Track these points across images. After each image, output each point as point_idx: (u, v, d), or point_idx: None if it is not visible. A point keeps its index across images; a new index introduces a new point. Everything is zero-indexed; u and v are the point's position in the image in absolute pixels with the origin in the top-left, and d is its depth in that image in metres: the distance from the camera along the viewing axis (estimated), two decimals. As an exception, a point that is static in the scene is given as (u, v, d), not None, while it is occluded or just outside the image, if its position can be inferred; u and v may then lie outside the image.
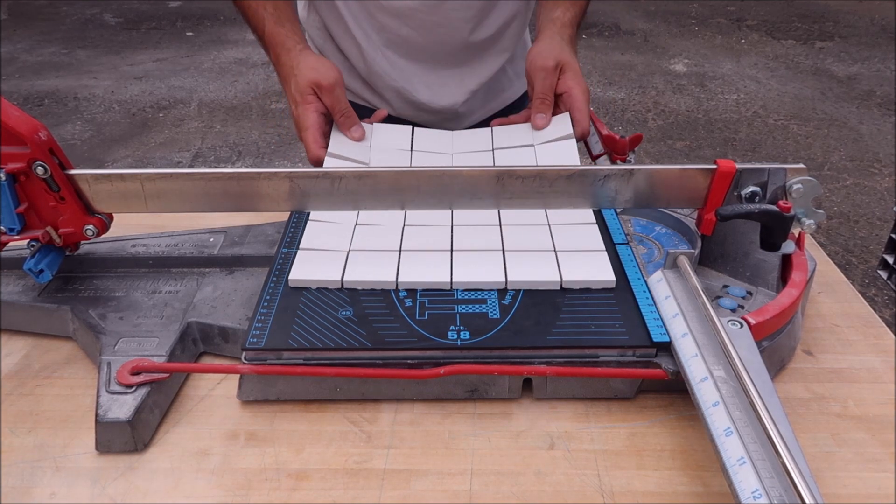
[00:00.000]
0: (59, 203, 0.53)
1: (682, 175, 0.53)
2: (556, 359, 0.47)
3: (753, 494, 0.36)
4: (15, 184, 0.51)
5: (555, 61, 0.68)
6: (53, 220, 0.54)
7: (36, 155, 0.51)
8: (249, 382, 0.48)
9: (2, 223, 0.52)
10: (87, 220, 0.54)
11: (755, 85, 3.20)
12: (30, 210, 0.53)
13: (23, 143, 0.50)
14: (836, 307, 0.58)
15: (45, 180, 0.52)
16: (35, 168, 0.51)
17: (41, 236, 0.54)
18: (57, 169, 0.51)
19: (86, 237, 0.55)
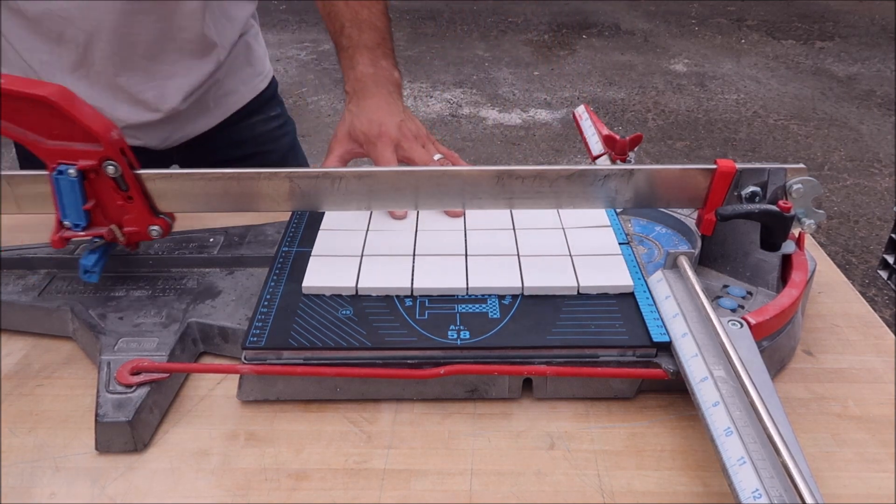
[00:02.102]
0: (127, 202, 0.53)
1: (682, 175, 0.53)
2: (556, 359, 0.47)
3: (753, 494, 0.36)
4: (84, 181, 0.51)
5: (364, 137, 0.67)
6: (119, 219, 0.54)
7: (108, 154, 0.51)
8: (249, 382, 0.48)
9: (67, 218, 0.52)
10: (152, 221, 0.55)
11: (755, 85, 3.21)
12: (96, 208, 0.53)
13: (96, 142, 0.50)
14: (836, 307, 0.58)
15: (114, 179, 0.52)
16: (106, 167, 0.51)
17: (105, 234, 0.54)
18: (127, 168, 0.52)
19: (150, 237, 0.55)
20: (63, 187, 0.51)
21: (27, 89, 0.48)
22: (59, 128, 0.50)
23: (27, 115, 0.49)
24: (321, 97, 3.09)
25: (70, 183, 0.51)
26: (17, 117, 0.50)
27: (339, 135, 0.70)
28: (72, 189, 0.51)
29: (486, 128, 2.83)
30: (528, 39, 3.82)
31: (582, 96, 3.12)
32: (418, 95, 3.13)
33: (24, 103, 0.49)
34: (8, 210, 0.54)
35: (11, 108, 0.49)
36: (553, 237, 0.58)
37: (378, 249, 0.57)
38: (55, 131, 0.50)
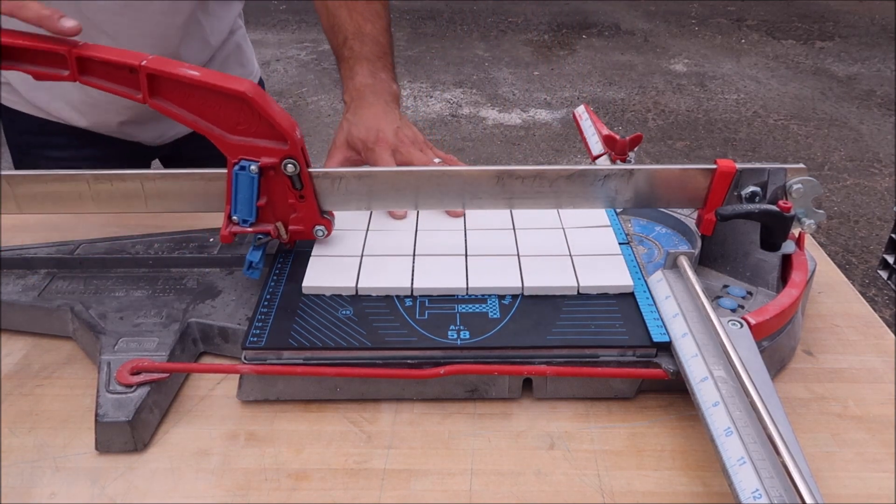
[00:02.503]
0: (298, 201, 0.54)
1: (682, 175, 0.53)
2: (556, 359, 0.47)
3: (753, 494, 0.36)
4: (260, 178, 0.52)
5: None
6: (286, 217, 0.54)
7: (291, 152, 0.51)
8: (249, 382, 0.48)
9: (237, 214, 0.53)
10: (319, 221, 0.55)
11: (755, 85, 3.21)
12: (267, 205, 0.53)
13: (282, 140, 0.50)
14: (836, 307, 0.58)
15: (290, 178, 0.52)
16: (286, 165, 0.51)
17: (271, 231, 0.54)
18: (305, 168, 0.52)
19: (314, 237, 0.55)
20: (241, 182, 0.52)
21: (224, 83, 0.49)
22: (247, 123, 0.50)
23: (218, 108, 0.50)
24: (321, 97, 3.09)
25: (250, 179, 0.51)
26: (207, 111, 0.50)
27: (336, 142, 0.71)
28: (250, 185, 0.52)
29: (486, 128, 2.83)
30: (528, 39, 3.82)
31: (582, 96, 3.12)
32: (418, 95, 3.13)
33: (218, 97, 0.49)
34: (8, 210, 0.55)
35: (203, 102, 0.50)
36: (553, 237, 0.58)
37: (378, 249, 0.57)
38: (241, 126, 0.50)
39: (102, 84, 0.50)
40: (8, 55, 0.49)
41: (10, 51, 0.48)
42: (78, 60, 0.49)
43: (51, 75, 0.49)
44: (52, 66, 0.49)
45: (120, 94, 0.50)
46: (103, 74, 0.49)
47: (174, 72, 0.48)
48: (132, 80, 0.49)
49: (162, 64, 0.48)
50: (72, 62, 0.48)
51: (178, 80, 0.49)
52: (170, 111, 0.50)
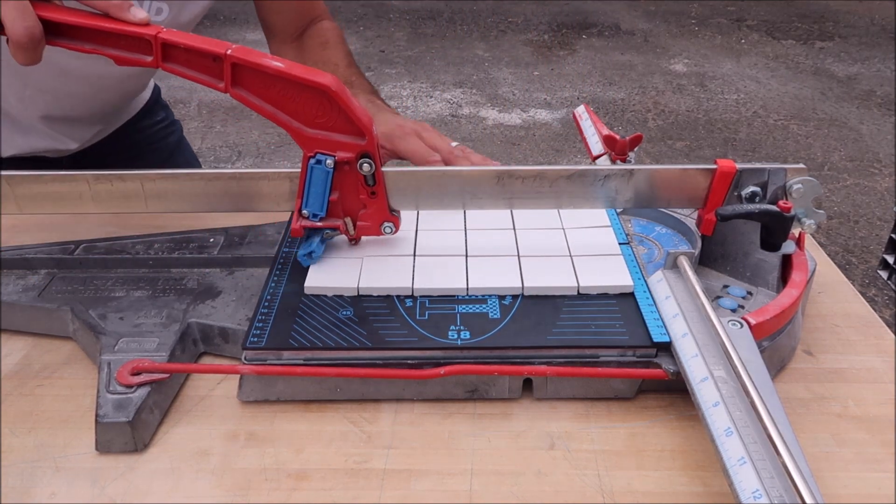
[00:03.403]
0: (369, 198, 0.53)
1: (682, 175, 0.53)
2: (557, 359, 0.47)
3: (754, 494, 0.36)
4: (334, 172, 0.52)
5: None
6: (355, 213, 0.54)
7: (368, 148, 0.51)
8: (250, 383, 0.48)
9: (308, 207, 0.53)
10: (388, 218, 0.55)
11: (755, 85, 3.21)
12: (338, 200, 0.53)
13: (360, 135, 0.50)
14: (836, 307, 0.58)
15: (364, 174, 0.52)
16: (361, 161, 0.51)
17: (340, 226, 0.54)
18: (379, 164, 0.52)
19: (381, 233, 0.55)
20: (316, 176, 0.51)
21: (308, 76, 0.48)
22: (325, 117, 0.50)
23: (297, 101, 0.49)
24: (321, 97, 3.09)
25: (325, 173, 0.51)
26: (287, 103, 0.50)
27: None
28: (324, 179, 0.51)
29: (486, 128, 2.83)
30: (528, 39, 3.82)
31: (582, 96, 3.13)
32: (418, 95, 3.13)
33: (299, 89, 0.49)
34: (8, 210, 0.55)
35: (284, 94, 0.49)
36: (553, 237, 0.58)
37: (379, 250, 0.57)
38: (320, 120, 0.50)
39: (184, 71, 0.49)
40: (92, 38, 0.48)
41: (94, 34, 0.47)
42: (163, 46, 0.48)
43: (133, 60, 0.48)
44: (135, 51, 0.48)
45: (201, 83, 0.49)
46: (185, 62, 0.49)
47: (258, 62, 0.48)
48: (215, 69, 0.49)
49: (246, 53, 0.48)
50: (157, 48, 0.48)
51: (262, 70, 0.48)
52: (249, 102, 0.50)
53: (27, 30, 0.44)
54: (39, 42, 0.46)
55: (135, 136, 0.92)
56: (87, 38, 0.48)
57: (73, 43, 0.48)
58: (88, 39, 0.48)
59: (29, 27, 0.44)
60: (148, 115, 0.94)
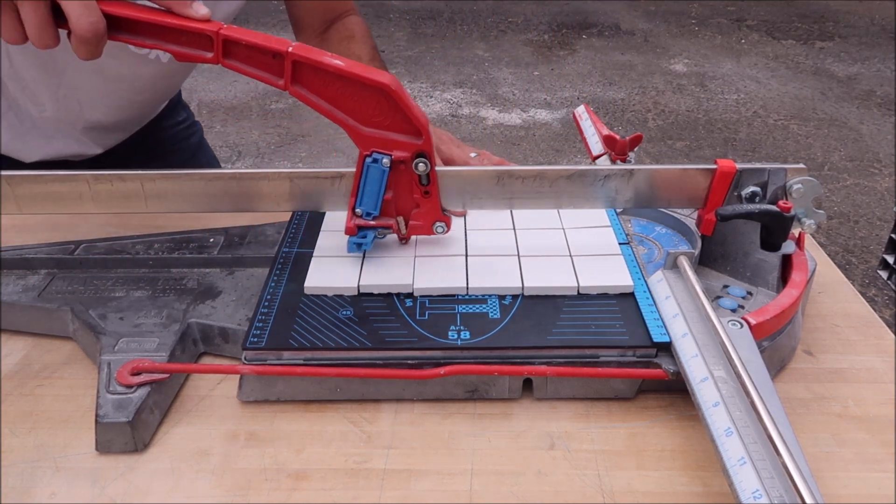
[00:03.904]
0: (423, 197, 0.53)
1: (682, 175, 0.53)
2: (557, 359, 0.47)
3: (754, 494, 0.36)
4: (389, 171, 0.52)
5: None
6: (407, 212, 0.54)
7: (424, 147, 0.51)
8: (250, 383, 0.48)
9: (362, 206, 0.53)
10: (440, 217, 0.55)
11: (755, 85, 3.21)
12: (391, 199, 0.53)
13: (417, 135, 0.50)
14: (836, 307, 0.58)
15: (419, 174, 0.52)
16: (417, 161, 0.51)
17: (392, 226, 0.54)
18: (434, 164, 0.52)
19: (433, 233, 0.55)
20: (372, 175, 0.51)
21: (368, 74, 0.48)
22: (382, 116, 0.50)
23: (355, 99, 0.49)
24: (321, 97, 3.09)
25: (381, 172, 0.51)
26: (344, 101, 0.50)
27: None
28: (380, 178, 0.51)
29: (486, 128, 2.84)
30: (528, 39, 3.82)
31: (582, 96, 3.12)
32: (418, 95, 3.13)
33: (358, 88, 0.49)
34: (8, 210, 0.55)
35: (342, 92, 0.49)
36: (553, 237, 0.58)
37: (379, 250, 0.56)
38: (376, 119, 0.50)
39: (243, 68, 0.49)
40: (153, 34, 0.48)
41: (155, 29, 0.47)
42: (224, 43, 0.48)
43: (193, 56, 0.48)
44: (195, 48, 0.48)
45: (260, 79, 0.49)
46: (245, 59, 0.49)
47: (319, 60, 0.48)
48: (275, 66, 0.49)
49: (307, 51, 0.48)
50: (218, 44, 0.47)
51: (322, 68, 0.48)
52: (307, 99, 0.50)
53: (92, 25, 0.44)
54: (103, 37, 0.46)
55: (157, 137, 0.91)
56: (148, 34, 0.48)
57: (134, 38, 0.48)
58: (150, 35, 0.48)
59: (94, 22, 0.44)
60: (170, 116, 0.93)
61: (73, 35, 0.45)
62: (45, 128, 0.77)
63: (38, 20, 0.44)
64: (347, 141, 2.38)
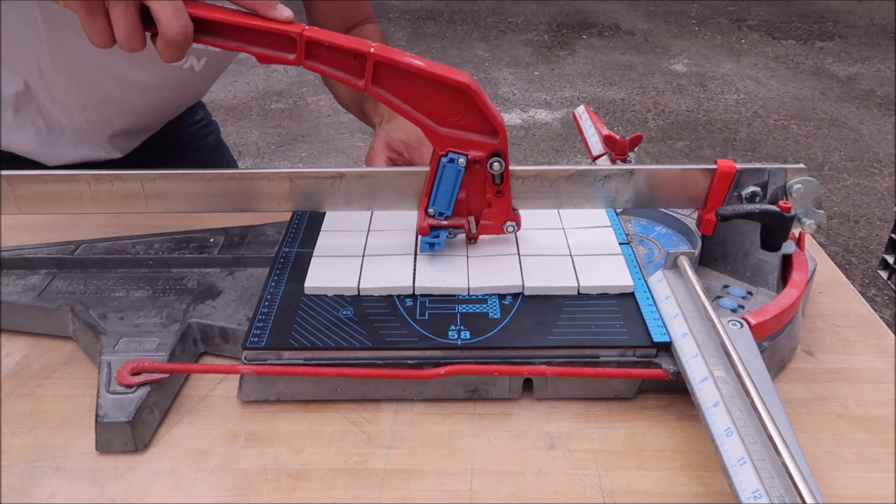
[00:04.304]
0: (495, 197, 0.53)
1: (683, 175, 0.53)
2: (557, 359, 0.47)
3: (754, 494, 0.36)
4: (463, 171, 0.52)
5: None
6: (479, 212, 0.54)
7: (500, 147, 0.51)
8: (250, 383, 0.48)
9: (435, 206, 0.53)
10: (510, 217, 0.55)
11: (755, 85, 3.21)
12: (464, 199, 0.53)
13: (493, 134, 0.50)
14: (836, 307, 0.58)
15: (493, 174, 0.52)
16: (492, 160, 0.51)
17: (464, 225, 0.54)
18: (508, 164, 0.52)
19: (504, 232, 0.55)
20: (447, 175, 0.51)
21: (448, 74, 0.49)
22: (459, 116, 0.50)
23: (433, 99, 0.50)
24: (321, 97, 3.09)
25: (456, 172, 0.51)
26: (422, 101, 0.50)
27: (376, 146, 0.72)
28: (455, 178, 0.51)
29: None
30: (528, 39, 3.82)
31: (582, 96, 3.13)
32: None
33: (436, 88, 0.49)
34: (8, 210, 0.55)
35: (420, 92, 0.49)
36: (553, 237, 0.58)
37: (379, 250, 0.57)
38: (453, 119, 0.50)
39: (324, 69, 0.49)
40: (236, 36, 0.48)
41: (239, 31, 0.47)
42: (307, 44, 0.48)
43: (276, 58, 0.48)
44: (278, 49, 0.48)
45: (340, 80, 0.49)
46: (326, 60, 0.49)
47: (400, 60, 0.48)
48: (356, 67, 0.49)
49: (388, 52, 0.48)
50: (301, 46, 0.48)
51: (403, 68, 0.48)
52: (386, 99, 0.50)
53: (182, 28, 0.45)
54: (190, 40, 0.46)
55: (176, 136, 0.92)
56: (231, 36, 0.48)
57: (217, 40, 0.48)
58: (233, 37, 0.48)
59: (183, 26, 0.45)
60: (188, 115, 0.94)
61: (162, 38, 0.45)
62: (74, 135, 0.78)
63: (129, 24, 0.44)
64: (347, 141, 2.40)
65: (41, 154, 0.78)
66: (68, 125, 0.76)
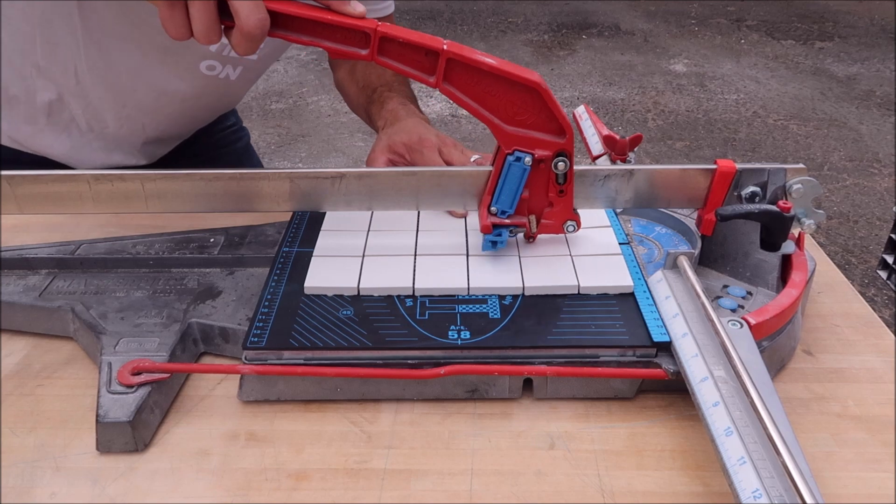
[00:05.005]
0: (558, 196, 0.53)
1: (682, 175, 0.53)
2: (557, 359, 0.47)
3: (754, 494, 0.36)
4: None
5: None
6: (540, 211, 0.54)
7: (566, 147, 0.51)
8: (250, 383, 0.48)
9: (498, 205, 0.53)
10: (571, 216, 0.55)
11: (755, 85, 3.21)
12: (527, 198, 0.53)
13: (560, 133, 0.51)
14: (835, 307, 0.58)
15: (557, 173, 0.52)
16: (557, 160, 0.51)
17: (525, 224, 0.54)
18: (573, 163, 0.52)
19: (564, 232, 0.55)
20: (512, 174, 0.52)
21: (518, 72, 0.49)
22: (526, 114, 0.50)
23: (503, 97, 0.50)
24: (321, 97, 3.09)
25: (522, 170, 0.51)
26: (491, 99, 0.50)
27: (377, 149, 0.72)
28: (520, 176, 0.51)
29: (486, 127, 2.83)
30: (528, 39, 3.82)
31: (582, 96, 3.12)
32: (418, 95, 3.12)
33: (506, 86, 0.49)
34: (8, 210, 0.55)
35: (489, 90, 0.49)
36: (553, 237, 0.58)
37: (379, 250, 0.57)
38: (520, 117, 0.50)
39: (395, 65, 0.49)
40: (310, 31, 0.48)
41: (313, 26, 0.48)
42: (381, 40, 0.48)
43: (349, 53, 0.48)
44: (351, 45, 0.48)
45: (411, 76, 0.50)
46: (398, 56, 0.49)
47: (473, 57, 0.48)
48: (427, 64, 0.49)
49: (460, 49, 0.48)
50: (374, 41, 0.48)
51: (475, 66, 0.48)
52: (456, 97, 0.50)
53: (260, 21, 0.45)
54: (265, 33, 0.46)
55: (206, 141, 0.93)
56: (305, 31, 0.48)
57: (290, 34, 0.48)
58: (307, 31, 0.48)
59: (262, 19, 0.45)
60: (219, 120, 0.94)
61: (239, 31, 0.45)
62: (107, 141, 0.79)
63: (208, 18, 0.45)
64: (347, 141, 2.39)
65: (73, 159, 0.79)
66: (102, 132, 0.77)
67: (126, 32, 0.68)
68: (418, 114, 0.77)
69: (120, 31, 0.68)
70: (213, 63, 0.74)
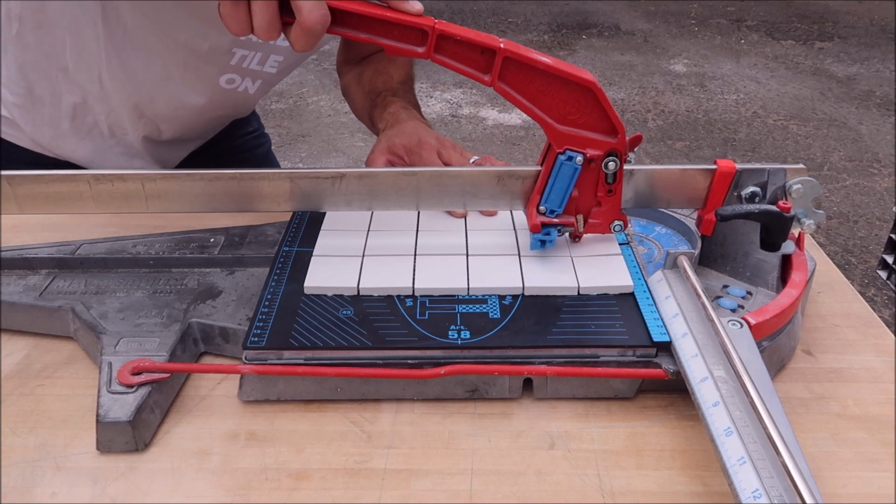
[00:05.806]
0: (606, 196, 0.53)
1: (682, 175, 0.53)
2: (557, 359, 0.47)
3: (753, 494, 0.36)
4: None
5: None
6: (588, 210, 0.54)
7: (619, 146, 0.51)
8: (250, 382, 0.48)
9: (547, 203, 0.53)
10: (619, 216, 0.54)
11: (755, 85, 3.21)
12: (575, 197, 0.53)
13: (611, 133, 0.50)
14: (835, 307, 0.58)
15: (607, 172, 0.52)
16: (608, 160, 0.51)
17: (573, 223, 0.54)
18: (623, 163, 0.52)
19: (610, 231, 0.55)
20: (563, 173, 0.51)
21: (573, 72, 0.49)
22: (578, 114, 0.50)
23: (554, 96, 0.50)
24: (321, 97, 3.09)
25: (573, 170, 0.51)
26: (544, 98, 0.50)
27: (377, 150, 0.73)
28: (571, 176, 0.51)
29: (486, 128, 2.84)
30: (528, 39, 3.82)
31: (582, 96, 3.12)
32: (418, 95, 3.13)
33: (561, 85, 0.49)
34: (8, 210, 0.55)
35: (543, 89, 0.49)
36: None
37: (379, 250, 0.57)
38: (572, 117, 0.50)
39: (451, 63, 0.49)
40: (368, 27, 0.48)
41: (371, 22, 0.48)
42: (438, 38, 0.48)
43: (405, 51, 0.48)
44: (408, 42, 0.48)
45: (466, 75, 0.50)
46: (454, 54, 0.49)
47: (529, 56, 0.48)
48: (482, 62, 0.49)
49: (517, 48, 0.48)
50: (432, 39, 0.48)
51: (530, 65, 0.48)
52: (509, 95, 0.50)
53: (322, 17, 0.45)
54: (325, 29, 0.46)
55: (226, 145, 0.93)
56: (363, 27, 0.48)
57: (349, 31, 0.48)
58: (365, 28, 0.48)
59: (324, 15, 0.45)
60: (241, 125, 0.95)
61: (301, 27, 0.45)
62: (128, 148, 0.79)
63: (270, 14, 0.45)
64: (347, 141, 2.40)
65: (95, 163, 0.80)
66: (123, 138, 0.78)
67: (150, 43, 0.69)
68: (419, 117, 0.77)
69: (143, 41, 0.69)
70: (234, 77, 0.75)
